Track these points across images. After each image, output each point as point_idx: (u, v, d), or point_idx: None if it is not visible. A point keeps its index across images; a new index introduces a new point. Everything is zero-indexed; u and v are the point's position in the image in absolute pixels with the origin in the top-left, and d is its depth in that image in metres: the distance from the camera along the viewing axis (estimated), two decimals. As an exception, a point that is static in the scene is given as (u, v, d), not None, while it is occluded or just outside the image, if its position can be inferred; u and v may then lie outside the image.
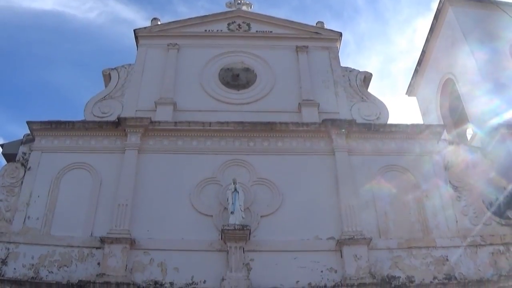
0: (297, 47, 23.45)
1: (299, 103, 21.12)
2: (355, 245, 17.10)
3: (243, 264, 16.75)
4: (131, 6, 63.08)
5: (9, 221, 17.63)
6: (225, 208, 17.78)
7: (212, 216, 17.91)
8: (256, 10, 26.00)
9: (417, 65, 29.23)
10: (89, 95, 21.47)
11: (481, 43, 23.58)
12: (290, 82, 22.22)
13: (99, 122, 20.06)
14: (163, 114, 20.44)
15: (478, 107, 22.80)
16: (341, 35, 24.21)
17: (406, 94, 31.01)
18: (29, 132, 19.78)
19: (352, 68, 23.07)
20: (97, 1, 59.42)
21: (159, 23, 24.48)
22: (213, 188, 18.58)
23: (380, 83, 63.86)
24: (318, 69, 22.77)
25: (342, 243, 17.14)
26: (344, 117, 20.54)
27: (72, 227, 17.51)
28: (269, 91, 21.82)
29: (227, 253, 16.86)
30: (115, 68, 22.47)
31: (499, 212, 18.72)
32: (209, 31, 24.28)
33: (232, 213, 17.21)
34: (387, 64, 65.56)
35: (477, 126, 23.07)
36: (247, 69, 22.72)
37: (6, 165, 19.29)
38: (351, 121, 20.04)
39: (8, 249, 16.92)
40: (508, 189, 19.19)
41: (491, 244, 17.63)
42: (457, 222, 18.17)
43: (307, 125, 20.00)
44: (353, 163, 19.21)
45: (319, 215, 18.01)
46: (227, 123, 19.79)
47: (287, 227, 17.68)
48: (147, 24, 24.81)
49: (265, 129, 19.78)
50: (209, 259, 16.98)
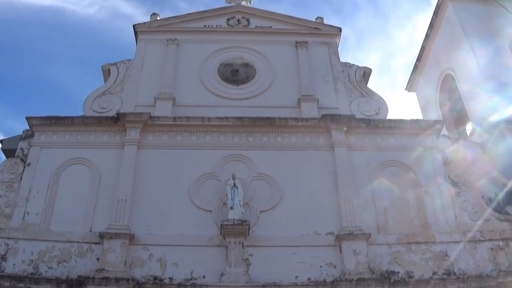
0: (297, 42, 23.42)
1: (299, 99, 21.08)
2: (354, 240, 17.12)
3: (242, 259, 16.77)
4: (130, 1, 63.10)
5: (9, 216, 17.64)
6: (224, 203, 17.78)
7: (211, 211, 17.91)
8: (255, 5, 26.08)
9: (417, 61, 29.25)
10: (88, 90, 21.54)
11: (480, 39, 23.58)
12: (289, 77, 22.19)
13: (99, 117, 20.04)
14: (163, 109, 20.40)
15: (477, 103, 22.81)
16: (340, 30, 24.18)
17: (405, 89, 31.07)
18: (28, 127, 19.77)
19: (351, 63, 23.03)
20: (97, -4, 59.42)
21: (158, 19, 24.42)
22: (213, 183, 18.58)
23: (379, 78, 63.99)
24: (317, 65, 22.73)
25: (341, 238, 17.15)
26: (343, 112, 20.49)
27: (71, 223, 17.50)
28: (269, 87, 21.80)
29: (226, 248, 16.87)
30: (115, 63, 22.40)
31: (498, 207, 18.68)
32: (209, 26, 24.22)
33: (231, 208, 17.20)
34: (387, 59, 65.66)
35: (476, 122, 23.09)
36: (247, 65, 22.68)
37: (5, 160, 19.29)
38: (350, 116, 20.01)
39: (7, 245, 16.92)
40: (507, 185, 19.17)
41: (491, 239, 17.64)
42: (456, 217, 18.18)
43: (307, 120, 19.98)
44: (352, 158, 19.20)
45: (318, 210, 18.02)
46: (227, 118, 19.77)
47: (286, 222, 17.69)
48: (147, 19, 24.75)
49: (265, 124, 19.76)
50: (208, 254, 16.99)
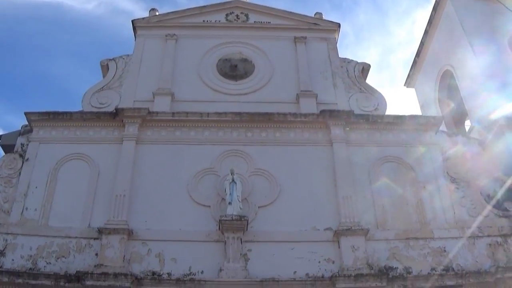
0: (296, 38, 23.37)
1: (297, 94, 21.06)
2: (352, 236, 17.12)
3: (241, 254, 16.76)
4: (129, -4, 62.99)
5: (7, 212, 17.63)
6: (222, 198, 17.77)
7: (209, 206, 17.90)
8: (254, 0, 26.00)
9: (416, 57, 29.23)
10: (87, 86, 21.41)
11: (480, 36, 23.53)
12: (288, 73, 22.16)
13: (97, 112, 20.01)
14: (161, 104, 20.37)
15: (476, 100, 22.78)
16: (339, 26, 24.14)
17: (404, 85, 31.05)
18: (27, 123, 19.74)
19: (350, 59, 22.99)
20: (96, -9, 59.33)
21: (157, 14, 24.39)
22: (211, 178, 18.57)
23: (378, 74, 63.95)
24: (316, 60, 22.70)
25: (339, 233, 17.15)
26: (342, 108, 20.48)
27: (70, 218, 17.49)
28: (267, 82, 21.76)
29: (225, 243, 16.86)
30: (113, 58, 22.35)
31: (497, 203, 18.67)
32: (207, 21, 24.19)
33: (229, 203, 17.19)
34: (386, 55, 65.65)
35: (475, 118, 23.07)
36: (245, 60, 22.64)
37: (4, 156, 19.27)
38: (349, 112, 20.01)
39: (6, 240, 16.91)
40: (506, 182, 19.17)
41: (489, 235, 17.63)
42: (454, 213, 18.16)
43: (305, 116, 19.96)
44: (351, 154, 19.17)
45: (316, 205, 18.02)
46: (225, 113, 19.76)
47: (285, 217, 17.69)
48: (146, 15, 24.70)
49: (263, 119, 19.74)
50: (207, 249, 16.98)
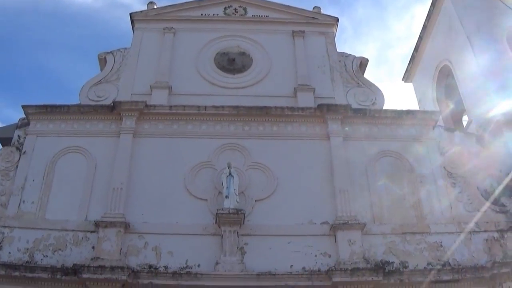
0: (294, 32, 23.33)
1: (295, 88, 21.03)
2: (349, 230, 17.13)
3: (237, 248, 16.76)
4: (128, -11, 62.83)
5: (4, 205, 17.61)
6: (219, 192, 17.77)
7: (206, 200, 17.90)
8: (252, -6, 25.82)
9: (414, 52, 29.19)
10: (84, 79, 21.41)
11: (478, 31, 23.47)
12: (286, 67, 22.13)
13: (95, 106, 19.98)
14: (159, 98, 20.35)
15: (474, 95, 22.77)
16: (337, 20, 24.11)
17: (402, 80, 31.00)
18: (24, 116, 19.70)
19: (348, 53, 22.96)
20: (94, -15, 59.20)
21: (155, 7, 24.34)
22: (208, 172, 18.56)
23: (377, 69, 63.97)
24: (314, 54, 22.66)
25: (336, 228, 17.16)
26: (339, 102, 20.46)
27: (67, 211, 17.49)
28: (265, 76, 21.73)
29: (222, 237, 16.86)
30: (111, 52, 22.29)
31: (493, 199, 18.66)
32: (205, 15, 24.12)
33: (226, 197, 17.19)
34: (384, 50, 65.64)
35: (473, 113, 23.07)
36: (243, 54, 22.60)
37: (1, 149, 19.24)
38: (346, 106, 19.99)
39: (3, 233, 16.90)
40: (503, 177, 19.18)
41: (486, 231, 17.62)
42: (451, 208, 18.16)
43: (303, 110, 19.94)
44: (348, 148, 19.17)
45: (313, 199, 18.02)
46: (223, 107, 19.74)
47: (282, 211, 17.69)
48: (144, 8, 24.66)
49: (261, 113, 19.74)
50: (204, 243, 16.98)
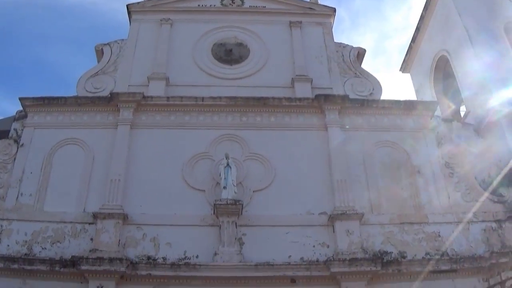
0: (291, 22, 23.28)
1: (292, 79, 21.01)
2: (347, 220, 17.17)
3: (236, 238, 16.80)
4: (125, -19, 62.46)
5: (2, 198, 17.63)
6: (217, 183, 17.78)
7: (204, 191, 17.93)
8: (249, -15, 25.76)
9: (412, 42, 29.11)
10: (82, 71, 21.40)
11: (475, 21, 23.43)
12: (283, 57, 22.08)
13: (92, 97, 19.96)
14: (156, 89, 20.31)
15: (472, 85, 22.75)
16: (335, 10, 24.03)
17: (400, 71, 30.95)
18: (21, 108, 19.66)
19: (345, 44, 22.93)
20: (91, -23, 59.00)
21: (152, -2, 24.26)
22: (206, 163, 18.57)
23: (374, 60, 63.96)
24: (311, 45, 22.62)
25: (334, 218, 17.20)
26: (337, 92, 20.44)
27: (65, 203, 17.51)
28: (262, 66, 21.70)
29: (220, 228, 16.89)
30: (108, 43, 22.23)
31: (492, 189, 18.69)
32: (202, 6, 23.99)
33: (224, 188, 17.20)
34: (382, 41, 65.58)
35: (470, 103, 23.07)
36: (240, 44, 22.56)
37: (-2, 142, 19.21)
38: (344, 96, 19.97)
39: (1, 226, 16.92)
40: (501, 167, 19.21)
41: (483, 220, 17.70)
42: (449, 198, 18.22)
43: (300, 100, 19.94)
44: (345, 138, 19.17)
45: (311, 190, 18.05)
46: (220, 98, 19.72)
47: (280, 202, 17.72)
48: (141, -1, 24.60)
49: (258, 104, 19.74)
50: (202, 234, 17.03)
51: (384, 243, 17.14)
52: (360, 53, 22.77)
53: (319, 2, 24.61)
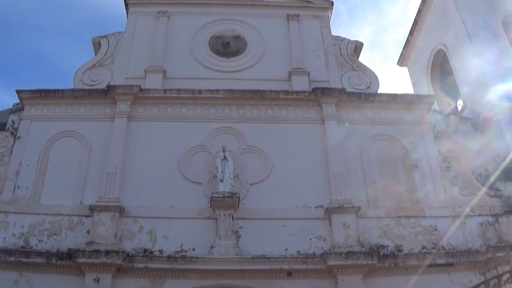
0: (288, 15, 23.21)
1: (290, 72, 20.97)
2: (344, 213, 17.17)
3: (232, 231, 16.80)
4: (121, -26, 62.28)
5: (-1, 190, 17.62)
6: (214, 176, 17.76)
7: (201, 183, 17.89)
8: (247, -22, 25.65)
9: (409, 36, 29.09)
10: (79, 63, 21.33)
11: (473, 15, 23.40)
12: (280, 50, 22.02)
13: (89, 90, 19.91)
14: (153, 81, 20.25)
15: (469, 79, 22.74)
16: (332, 4, 23.93)
17: (397, 64, 30.95)
18: (18, 101, 19.61)
19: (343, 37, 22.86)
20: (88, -31, 58.83)
21: (149, -9, 24.17)
22: (203, 155, 18.54)
23: (371, 53, 63.82)
24: (309, 38, 22.55)
25: (331, 211, 17.19)
26: (334, 86, 20.41)
27: (61, 196, 17.48)
28: (260, 59, 21.65)
29: (216, 220, 16.88)
30: (105, 36, 22.13)
31: (488, 183, 18.73)
32: (200, -2, 23.98)
33: (221, 180, 17.17)
34: (379, 34, 65.46)
35: (467, 97, 23.08)
36: (238, 37, 22.50)
37: (-5, 134, 19.17)
38: (341, 90, 19.93)
39: (-2, 219, 16.94)
40: (498, 161, 19.23)
41: (480, 215, 17.70)
42: (446, 192, 18.21)
43: (297, 93, 19.92)
44: (342, 131, 19.14)
45: (308, 183, 18.03)
46: (217, 91, 19.68)
47: (276, 195, 17.69)
48: (138, -8, 24.47)
49: (255, 97, 19.71)
50: (198, 226, 17.00)
51: (380, 236, 17.14)
52: (357, 47, 22.69)
53: (317, -5, 24.54)
